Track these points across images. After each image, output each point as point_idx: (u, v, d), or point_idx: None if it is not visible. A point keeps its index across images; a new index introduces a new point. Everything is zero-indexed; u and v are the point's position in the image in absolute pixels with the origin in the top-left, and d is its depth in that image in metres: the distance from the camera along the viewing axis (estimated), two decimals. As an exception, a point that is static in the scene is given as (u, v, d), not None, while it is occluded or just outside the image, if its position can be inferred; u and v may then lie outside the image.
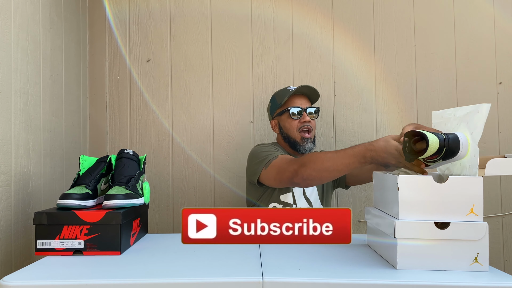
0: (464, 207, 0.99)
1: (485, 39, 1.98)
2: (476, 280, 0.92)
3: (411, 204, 1.00)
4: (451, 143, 1.03)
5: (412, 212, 1.00)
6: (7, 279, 0.91)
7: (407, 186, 1.00)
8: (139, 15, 2.04)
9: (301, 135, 1.60)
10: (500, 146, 1.96)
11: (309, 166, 1.34)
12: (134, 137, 2.03)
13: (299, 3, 2.03)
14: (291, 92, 1.62)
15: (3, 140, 1.28)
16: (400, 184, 1.00)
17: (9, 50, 1.33)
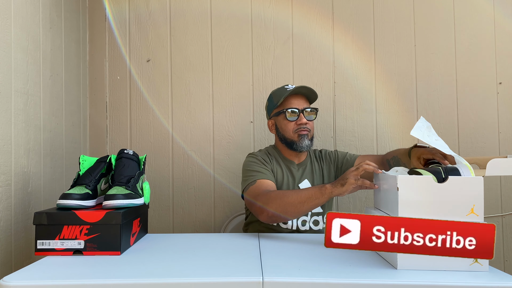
0: (464, 207, 0.99)
1: (485, 39, 1.98)
2: (476, 280, 0.92)
3: (411, 204, 1.00)
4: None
5: (412, 212, 1.00)
6: (7, 279, 0.91)
7: (407, 186, 1.00)
8: (139, 15, 2.04)
9: (298, 134, 1.57)
10: (500, 146, 1.96)
11: (273, 202, 1.35)
12: (134, 137, 2.03)
13: (299, 3, 2.03)
14: (288, 92, 1.58)
15: (3, 140, 1.28)
16: (400, 184, 1.00)
17: (9, 50, 1.33)
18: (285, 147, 1.63)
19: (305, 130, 1.56)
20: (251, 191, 1.46)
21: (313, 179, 1.63)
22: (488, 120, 1.97)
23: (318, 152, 1.72)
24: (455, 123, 1.98)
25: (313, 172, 1.64)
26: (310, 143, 1.59)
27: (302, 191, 1.35)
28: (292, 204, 1.33)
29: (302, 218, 1.56)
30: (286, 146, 1.62)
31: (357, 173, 1.25)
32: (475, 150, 1.97)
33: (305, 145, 1.57)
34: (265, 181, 1.48)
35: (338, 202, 1.99)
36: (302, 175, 1.62)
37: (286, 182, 1.60)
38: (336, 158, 1.67)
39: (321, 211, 1.60)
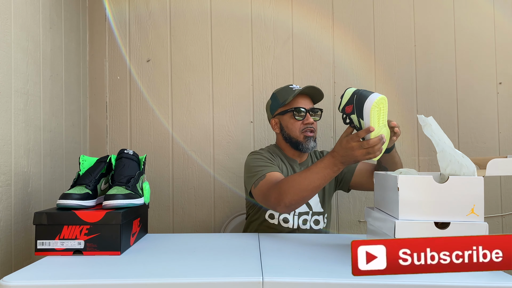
0: (465, 207, 0.99)
1: (485, 39, 1.98)
2: (476, 280, 0.92)
3: (411, 204, 1.00)
4: (361, 94, 1.17)
5: (413, 212, 1.00)
6: (7, 279, 0.91)
7: (408, 186, 1.00)
8: (139, 15, 2.04)
9: (304, 134, 1.57)
10: (500, 146, 1.96)
11: (289, 191, 1.32)
12: (134, 137, 2.03)
13: (299, 3, 2.03)
14: (296, 92, 1.58)
15: (3, 140, 1.28)
16: (400, 184, 1.00)
17: (9, 50, 1.33)
18: (288, 146, 1.63)
19: (311, 131, 1.56)
20: (262, 185, 1.43)
21: None
22: (488, 120, 1.97)
23: (319, 152, 1.73)
24: (455, 123, 1.98)
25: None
26: (315, 144, 1.59)
27: (315, 173, 1.29)
28: (307, 189, 1.30)
29: (303, 217, 1.56)
30: (290, 145, 1.61)
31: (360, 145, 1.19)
32: (475, 150, 1.97)
33: (310, 146, 1.57)
34: (275, 173, 1.45)
35: (338, 202, 1.99)
36: None
37: None
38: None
39: (321, 211, 1.60)
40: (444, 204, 0.99)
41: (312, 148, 1.58)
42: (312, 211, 1.58)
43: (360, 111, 1.17)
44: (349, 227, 1.98)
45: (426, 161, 1.98)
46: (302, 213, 1.56)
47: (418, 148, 1.98)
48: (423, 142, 1.98)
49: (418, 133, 1.98)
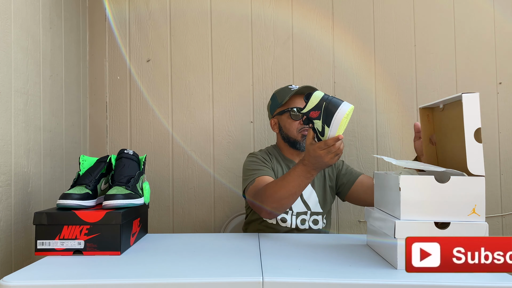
0: (466, 207, 0.99)
1: (485, 39, 1.98)
2: (476, 280, 0.92)
3: (413, 204, 1.00)
4: (332, 102, 1.16)
5: (414, 213, 1.00)
6: (7, 279, 0.91)
7: (409, 186, 1.00)
8: (139, 15, 2.04)
9: (302, 134, 1.57)
10: (500, 146, 1.96)
11: (268, 199, 1.36)
12: (134, 137, 2.03)
13: (299, 3, 2.03)
14: (292, 92, 1.59)
15: (3, 140, 1.28)
16: (402, 184, 1.00)
17: (9, 50, 1.33)
18: (287, 146, 1.64)
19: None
20: (250, 190, 1.47)
21: (313, 180, 1.63)
22: (488, 120, 1.97)
23: None
24: (455, 123, 1.98)
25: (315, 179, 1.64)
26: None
27: (290, 182, 1.31)
28: (285, 197, 1.33)
29: (302, 217, 1.56)
30: (288, 145, 1.63)
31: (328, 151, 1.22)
32: (475, 150, 1.96)
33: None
34: (264, 178, 1.48)
35: (338, 202, 1.99)
36: None
37: None
38: (339, 166, 1.67)
39: (321, 211, 1.60)
40: (446, 204, 0.99)
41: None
42: (310, 211, 1.58)
43: (328, 119, 1.18)
44: (349, 227, 1.98)
45: (426, 161, 1.98)
46: (300, 213, 1.56)
47: (418, 148, 1.98)
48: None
49: (418, 133, 1.98)
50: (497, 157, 1.96)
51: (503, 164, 1.96)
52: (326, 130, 1.19)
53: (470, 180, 0.99)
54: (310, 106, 1.21)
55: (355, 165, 1.98)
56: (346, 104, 1.17)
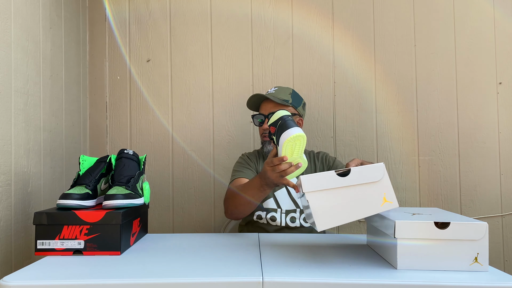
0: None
1: (485, 39, 1.98)
2: (476, 280, 0.92)
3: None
4: (285, 124, 1.19)
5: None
6: (7, 279, 0.91)
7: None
8: (139, 15, 2.04)
9: (263, 139, 1.65)
10: (500, 146, 1.96)
11: (230, 203, 1.47)
12: (134, 137, 2.03)
13: (299, 3, 2.03)
14: (253, 101, 1.67)
15: (3, 140, 1.28)
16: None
17: (9, 50, 1.33)
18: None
19: (267, 136, 1.61)
20: (227, 190, 1.54)
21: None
22: (488, 120, 1.97)
23: (315, 153, 1.72)
24: (455, 123, 1.98)
25: (304, 171, 1.64)
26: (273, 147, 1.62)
27: (247, 191, 1.37)
28: (243, 204, 1.40)
29: (291, 215, 1.57)
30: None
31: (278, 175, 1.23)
32: (475, 150, 1.97)
33: (267, 150, 1.63)
34: (239, 180, 1.55)
35: (338, 202, 1.99)
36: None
37: None
38: (330, 163, 1.67)
39: None
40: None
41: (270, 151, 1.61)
42: (300, 209, 1.58)
43: (278, 137, 1.21)
44: (349, 227, 1.98)
45: (426, 161, 1.98)
46: (289, 210, 1.58)
47: (418, 148, 1.98)
48: (423, 142, 1.98)
49: (418, 133, 1.98)
50: (497, 157, 1.96)
51: (503, 164, 1.96)
52: (277, 147, 1.23)
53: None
54: (271, 121, 1.25)
55: (355, 165, 1.99)
56: (295, 130, 1.18)
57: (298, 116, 1.67)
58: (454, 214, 1.12)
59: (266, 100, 1.64)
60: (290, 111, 1.62)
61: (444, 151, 1.98)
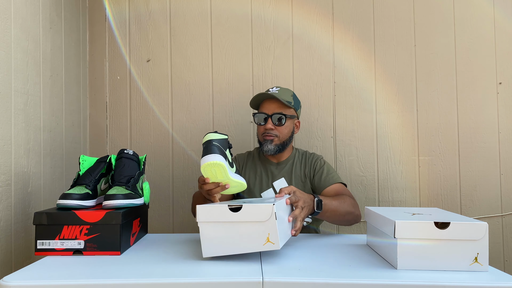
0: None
1: (485, 39, 1.98)
2: (476, 280, 0.92)
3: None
4: (205, 150, 1.21)
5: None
6: (7, 279, 0.91)
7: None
8: (139, 15, 2.04)
9: (264, 138, 1.62)
10: (500, 146, 1.96)
11: (193, 206, 1.53)
12: (134, 137, 2.03)
13: (299, 3, 2.03)
14: (258, 98, 1.65)
15: (3, 140, 1.28)
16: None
17: (9, 50, 1.33)
18: (259, 149, 1.73)
19: (270, 136, 1.60)
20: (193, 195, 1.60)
21: (291, 178, 1.64)
22: (488, 120, 1.97)
23: (308, 154, 1.70)
24: (455, 123, 1.98)
25: (293, 171, 1.65)
26: (275, 148, 1.61)
27: (199, 198, 1.42)
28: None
29: None
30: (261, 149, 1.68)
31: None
32: (475, 150, 1.97)
33: (268, 149, 1.60)
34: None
35: (338, 202, 1.99)
36: (279, 173, 1.65)
37: (259, 180, 1.65)
38: (316, 172, 1.63)
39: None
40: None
41: (270, 151, 1.60)
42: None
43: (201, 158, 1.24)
44: (349, 227, 1.98)
45: (426, 161, 1.98)
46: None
47: (418, 148, 1.98)
48: (423, 142, 1.98)
49: (418, 133, 1.98)
50: (497, 157, 1.96)
51: (503, 164, 1.96)
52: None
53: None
54: (203, 140, 1.26)
55: (355, 165, 1.99)
56: (212, 157, 1.19)
57: (296, 118, 1.67)
58: (454, 214, 1.12)
59: (268, 99, 1.64)
60: (291, 113, 1.63)
61: (444, 151, 1.98)
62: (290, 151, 1.70)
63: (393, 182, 1.98)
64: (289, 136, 1.63)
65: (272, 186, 1.63)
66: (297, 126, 1.70)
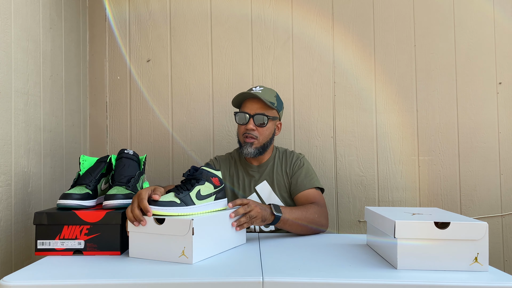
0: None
1: (485, 39, 1.98)
2: (476, 280, 0.92)
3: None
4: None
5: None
6: (7, 279, 0.91)
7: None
8: (139, 15, 2.04)
9: (244, 139, 1.57)
10: (500, 146, 1.96)
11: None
12: (134, 137, 2.03)
13: (299, 3, 2.03)
14: (240, 97, 1.58)
15: (3, 140, 1.28)
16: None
17: (9, 50, 1.33)
18: (238, 151, 1.66)
19: (251, 138, 1.55)
20: None
21: (272, 180, 1.61)
22: (488, 120, 1.97)
23: (288, 152, 1.67)
24: (455, 123, 1.98)
25: (274, 172, 1.62)
26: (255, 151, 1.56)
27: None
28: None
29: None
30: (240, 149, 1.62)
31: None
32: (475, 150, 1.97)
33: (248, 152, 1.55)
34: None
35: (338, 202, 1.99)
36: (260, 177, 1.62)
37: (242, 186, 1.62)
38: (294, 173, 1.60)
39: None
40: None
41: (250, 154, 1.56)
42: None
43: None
44: (349, 227, 1.98)
45: (426, 161, 1.98)
46: None
47: (418, 148, 1.98)
48: (423, 142, 1.98)
49: (418, 133, 1.98)
50: (497, 157, 1.96)
51: (503, 164, 1.96)
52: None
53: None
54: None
55: (355, 165, 1.99)
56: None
57: (278, 120, 1.64)
58: (454, 214, 1.12)
59: (251, 99, 1.58)
60: (273, 114, 1.59)
61: (444, 151, 1.98)
62: (270, 152, 1.66)
63: (393, 182, 1.98)
64: (269, 138, 1.59)
65: (255, 191, 1.61)
66: (278, 128, 1.67)
